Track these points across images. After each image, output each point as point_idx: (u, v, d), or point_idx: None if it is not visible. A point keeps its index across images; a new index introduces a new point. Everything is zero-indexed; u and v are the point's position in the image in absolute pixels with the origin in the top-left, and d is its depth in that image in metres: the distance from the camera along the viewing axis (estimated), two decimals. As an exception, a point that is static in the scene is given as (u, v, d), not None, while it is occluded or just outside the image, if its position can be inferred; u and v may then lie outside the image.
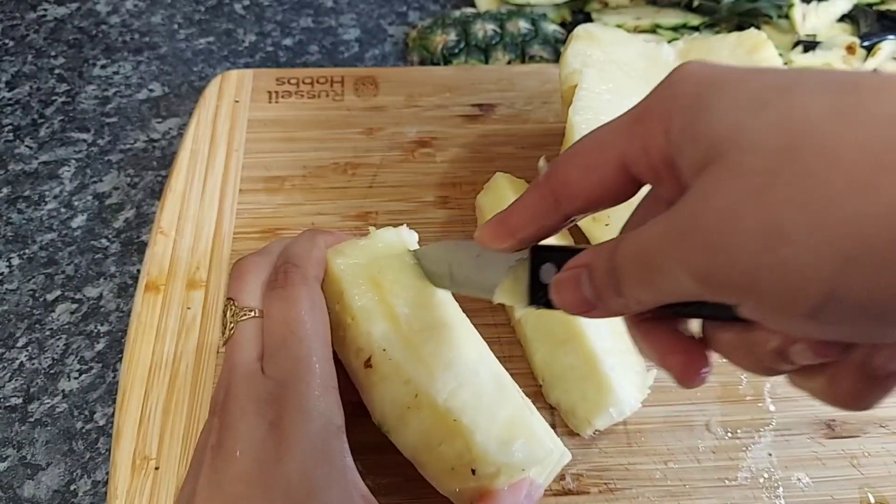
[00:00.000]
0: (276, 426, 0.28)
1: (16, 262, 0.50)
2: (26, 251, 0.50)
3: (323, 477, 0.28)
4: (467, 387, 0.32)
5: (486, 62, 0.64)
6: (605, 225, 0.42)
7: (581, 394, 0.38)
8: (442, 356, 0.33)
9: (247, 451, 0.28)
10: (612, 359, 0.38)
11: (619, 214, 0.40)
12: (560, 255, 0.27)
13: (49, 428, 0.42)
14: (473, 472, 0.30)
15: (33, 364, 0.44)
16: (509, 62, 0.64)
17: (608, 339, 0.39)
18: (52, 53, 0.65)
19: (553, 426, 0.38)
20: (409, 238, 0.37)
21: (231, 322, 0.32)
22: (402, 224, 0.37)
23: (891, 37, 0.63)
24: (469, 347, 0.34)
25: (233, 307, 0.33)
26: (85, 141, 0.58)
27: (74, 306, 0.47)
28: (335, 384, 0.31)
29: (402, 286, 0.34)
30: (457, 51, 0.65)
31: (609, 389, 0.37)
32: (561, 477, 0.38)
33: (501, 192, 0.45)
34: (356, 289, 0.34)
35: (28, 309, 0.47)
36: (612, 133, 0.24)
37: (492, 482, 0.30)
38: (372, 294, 0.34)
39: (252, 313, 0.32)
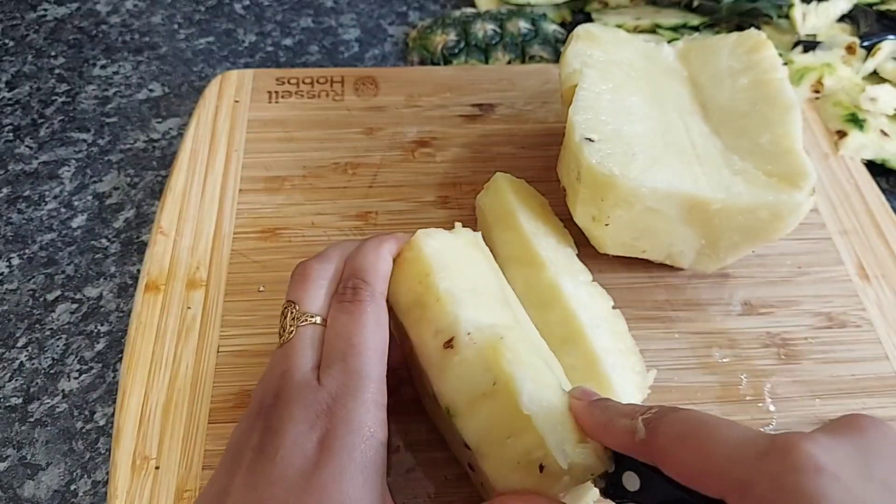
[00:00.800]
0: (322, 437, 0.28)
1: (16, 262, 0.50)
2: (26, 251, 0.50)
3: (358, 489, 0.28)
4: (548, 384, 0.32)
5: (486, 62, 0.64)
6: (604, 225, 0.42)
7: (581, 394, 0.38)
8: (526, 350, 0.33)
9: (287, 458, 0.28)
10: (612, 359, 0.38)
11: (619, 214, 0.41)
12: (642, 469, 0.28)
13: (49, 428, 0.42)
14: (541, 469, 0.29)
15: (33, 364, 0.44)
16: (509, 62, 0.64)
17: (608, 339, 0.39)
18: (52, 53, 0.65)
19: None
20: None
21: (291, 325, 0.33)
22: (402, 224, 0.37)
23: (891, 37, 0.63)
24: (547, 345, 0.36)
25: (294, 310, 0.33)
26: (85, 141, 0.58)
27: (74, 306, 0.47)
28: (385, 401, 0.31)
29: (489, 278, 0.36)
30: (457, 51, 0.65)
31: (609, 389, 0.37)
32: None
33: (501, 192, 0.45)
34: (445, 271, 0.34)
35: (28, 309, 0.47)
36: (720, 470, 0.24)
37: (555, 483, 0.29)
38: (462, 279, 0.34)
39: (313, 320, 0.33)
